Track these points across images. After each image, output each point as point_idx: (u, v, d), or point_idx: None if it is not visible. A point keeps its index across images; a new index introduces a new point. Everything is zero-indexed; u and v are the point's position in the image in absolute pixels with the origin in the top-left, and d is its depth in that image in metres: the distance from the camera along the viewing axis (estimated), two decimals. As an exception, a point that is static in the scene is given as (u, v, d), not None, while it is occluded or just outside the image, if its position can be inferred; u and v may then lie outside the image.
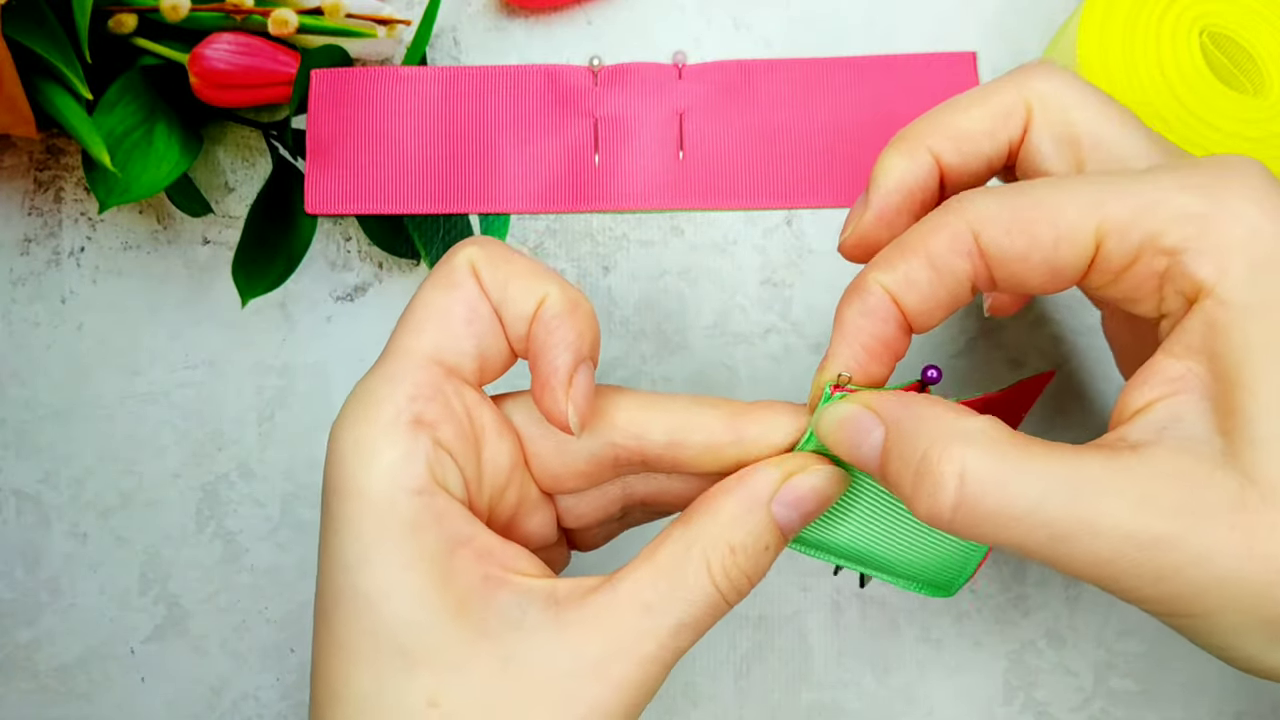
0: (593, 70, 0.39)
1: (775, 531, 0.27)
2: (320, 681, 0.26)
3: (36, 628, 0.40)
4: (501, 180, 0.39)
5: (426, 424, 0.26)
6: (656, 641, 0.26)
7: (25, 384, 0.40)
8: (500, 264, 0.28)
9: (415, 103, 0.39)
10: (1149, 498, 0.23)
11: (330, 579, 0.26)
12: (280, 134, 0.40)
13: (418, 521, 0.26)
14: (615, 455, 0.28)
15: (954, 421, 0.24)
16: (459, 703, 0.25)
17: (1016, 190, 0.26)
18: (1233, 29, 0.36)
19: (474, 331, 0.27)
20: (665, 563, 0.26)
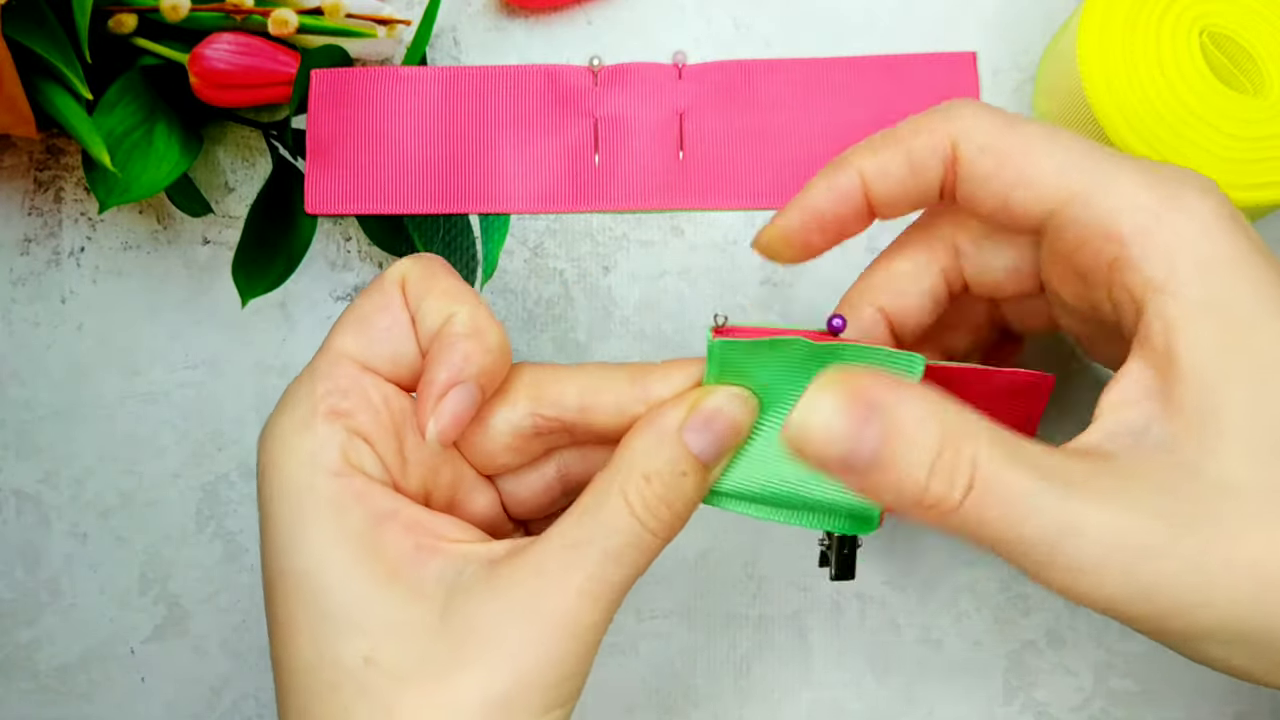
0: (593, 70, 0.39)
1: (689, 458, 0.28)
2: (275, 659, 0.28)
3: (36, 628, 0.40)
4: (501, 180, 0.39)
5: (341, 414, 0.28)
6: (583, 573, 0.26)
7: (25, 384, 0.40)
8: (425, 280, 0.30)
9: (415, 103, 0.39)
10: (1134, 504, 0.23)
11: (266, 563, 0.28)
12: (280, 134, 0.40)
13: (338, 501, 0.27)
14: (535, 425, 0.30)
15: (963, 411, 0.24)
16: (395, 658, 0.26)
17: (1008, 119, 0.27)
18: (1233, 29, 0.36)
19: (390, 337, 0.29)
20: (586, 502, 0.27)
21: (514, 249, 0.40)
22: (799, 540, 0.39)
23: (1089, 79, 0.35)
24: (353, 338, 0.29)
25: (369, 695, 0.26)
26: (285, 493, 0.28)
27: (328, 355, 0.29)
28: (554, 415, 0.29)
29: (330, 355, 0.29)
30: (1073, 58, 0.36)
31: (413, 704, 0.26)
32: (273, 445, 0.28)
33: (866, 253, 0.39)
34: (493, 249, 0.40)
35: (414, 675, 0.26)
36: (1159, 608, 0.23)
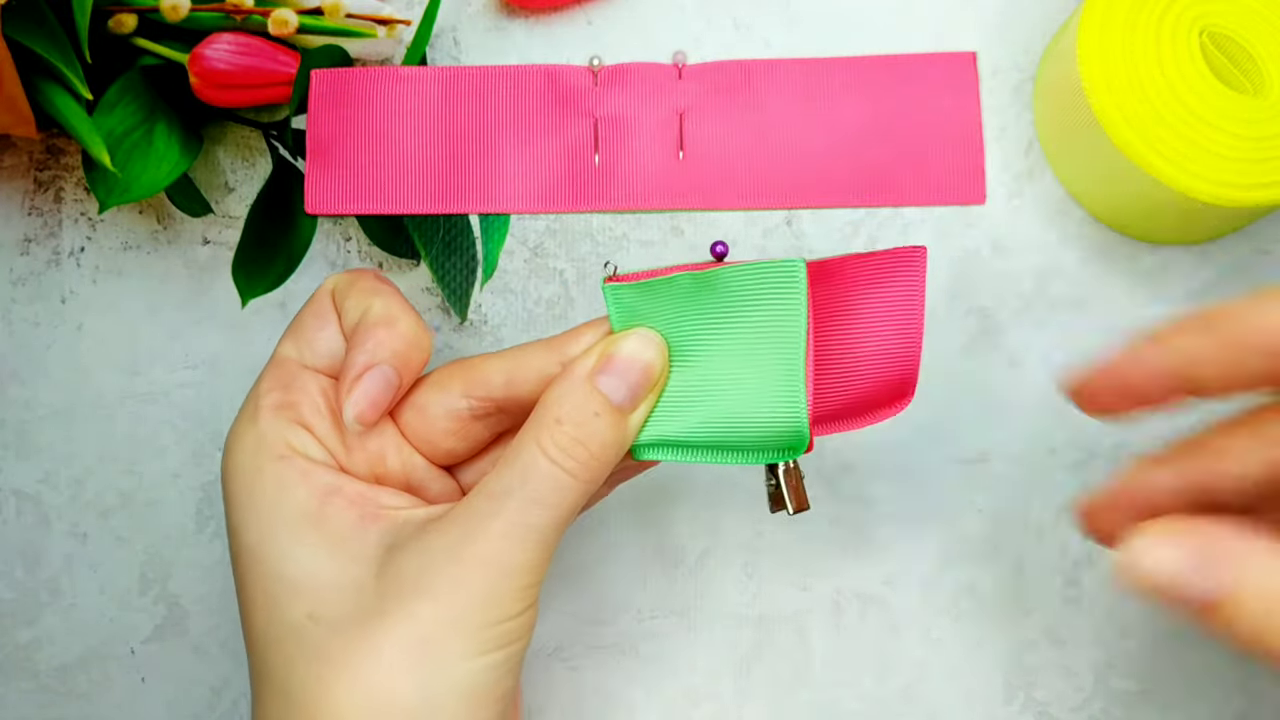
0: (593, 70, 0.39)
1: (599, 397, 0.29)
2: (243, 630, 0.31)
3: (37, 628, 0.40)
4: (501, 180, 0.39)
5: (285, 406, 0.31)
6: (504, 519, 0.28)
7: (25, 384, 0.40)
8: (350, 284, 0.33)
9: (415, 103, 0.39)
10: None
11: (230, 544, 0.31)
12: (280, 134, 0.40)
13: (283, 481, 0.30)
14: (470, 407, 0.32)
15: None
16: (333, 613, 0.28)
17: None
18: (1232, 29, 0.36)
19: (323, 337, 0.32)
20: (506, 455, 0.29)
21: (514, 249, 0.40)
22: (799, 540, 0.39)
23: (1089, 79, 0.35)
24: (291, 343, 0.33)
25: (307, 646, 0.28)
26: (237, 478, 0.31)
27: (272, 361, 0.33)
28: (484, 394, 0.31)
29: (274, 361, 0.33)
30: (1073, 58, 0.36)
31: (341, 648, 0.28)
32: (229, 441, 0.32)
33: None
34: (493, 249, 0.40)
35: (347, 624, 0.28)
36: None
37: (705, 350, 0.30)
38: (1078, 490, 0.39)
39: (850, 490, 0.39)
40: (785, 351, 0.29)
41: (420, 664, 0.27)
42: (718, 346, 0.29)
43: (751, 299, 0.29)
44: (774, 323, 0.29)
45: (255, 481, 0.30)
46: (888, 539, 0.39)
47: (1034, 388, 0.39)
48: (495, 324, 0.40)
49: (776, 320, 0.29)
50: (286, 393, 0.32)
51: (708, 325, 0.29)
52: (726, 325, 0.29)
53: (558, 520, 0.28)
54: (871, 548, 0.39)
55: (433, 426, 0.32)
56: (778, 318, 0.29)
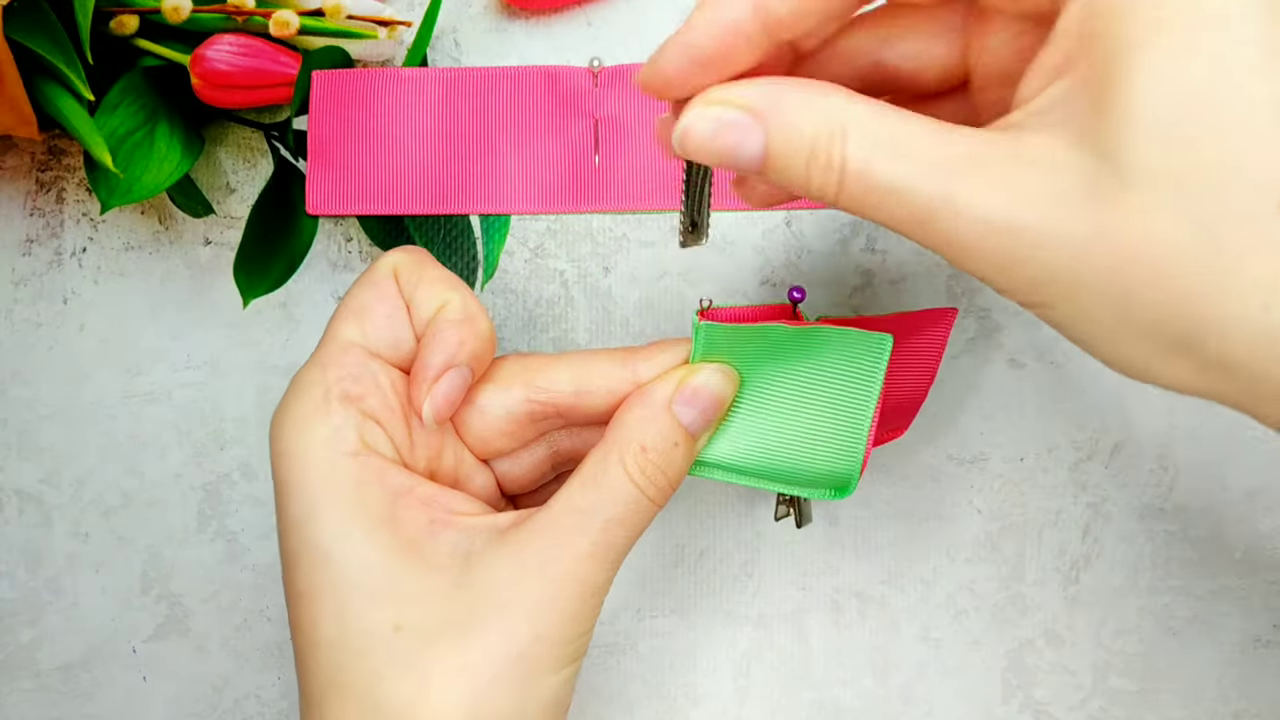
0: (593, 71, 0.40)
1: (680, 429, 0.30)
2: (299, 636, 0.29)
3: (38, 627, 0.40)
4: (502, 181, 0.39)
5: (353, 398, 0.30)
6: (589, 538, 0.28)
7: (27, 384, 0.40)
8: (416, 270, 0.32)
9: (416, 104, 0.39)
10: (1006, 180, 0.22)
11: (287, 539, 0.29)
12: (281, 135, 0.40)
13: (358, 479, 0.29)
14: (530, 410, 0.32)
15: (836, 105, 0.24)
16: (420, 623, 0.28)
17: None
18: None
19: (391, 324, 0.31)
20: (588, 472, 0.29)
21: (514, 249, 0.40)
22: (799, 539, 0.39)
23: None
24: (355, 326, 0.31)
25: (399, 659, 0.28)
26: (306, 474, 0.29)
27: (334, 344, 0.31)
28: (547, 400, 0.31)
29: (337, 344, 0.31)
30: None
31: (441, 663, 0.27)
32: (289, 430, 0.30)
33: (867, 252, 0.40)
34: (493, 249, 0.40)
35: (439, 637, 0.28)
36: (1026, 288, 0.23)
37: (778, 389, 0.32)
38: (1078, 491, 0.39)
39: (850, 490, 0.39)
40: (856, 409, 0.31)
41: (517, 678, 0.28)
42: (792, 391, 0.32)
43: (837, 358, 0.31)
44: (853, 383, 0.31)
45: (330, 477, 0.29)
46: (887, 539, 0.39)
47: (1034, 388, 0.39)
48: (496, 324, 0.40)
49: (856, 381, 0.31)
50: (356, 382, 0.30)
51: (787, 370, 0.31)
52: (806, 375, 0.31)
53: (632, 540, 0.30)
54: (871, 547, 0.39)
55: (490, 425, 0.32)
56: (857, 379, 0.31)
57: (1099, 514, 0.39)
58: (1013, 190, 0.22)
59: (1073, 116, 0.22)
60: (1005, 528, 0.39)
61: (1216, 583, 0.39)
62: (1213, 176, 0.21)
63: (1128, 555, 0.39)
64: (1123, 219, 0.21)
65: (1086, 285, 0.22)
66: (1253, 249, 0.21)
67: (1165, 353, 0.22)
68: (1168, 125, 0.21)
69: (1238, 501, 0.39)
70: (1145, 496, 0.39)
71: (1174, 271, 0.21)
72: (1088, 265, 0.22)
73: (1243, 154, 0.21)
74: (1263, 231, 0.21)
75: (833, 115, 0.24)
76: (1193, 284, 0.21)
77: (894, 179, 0.23)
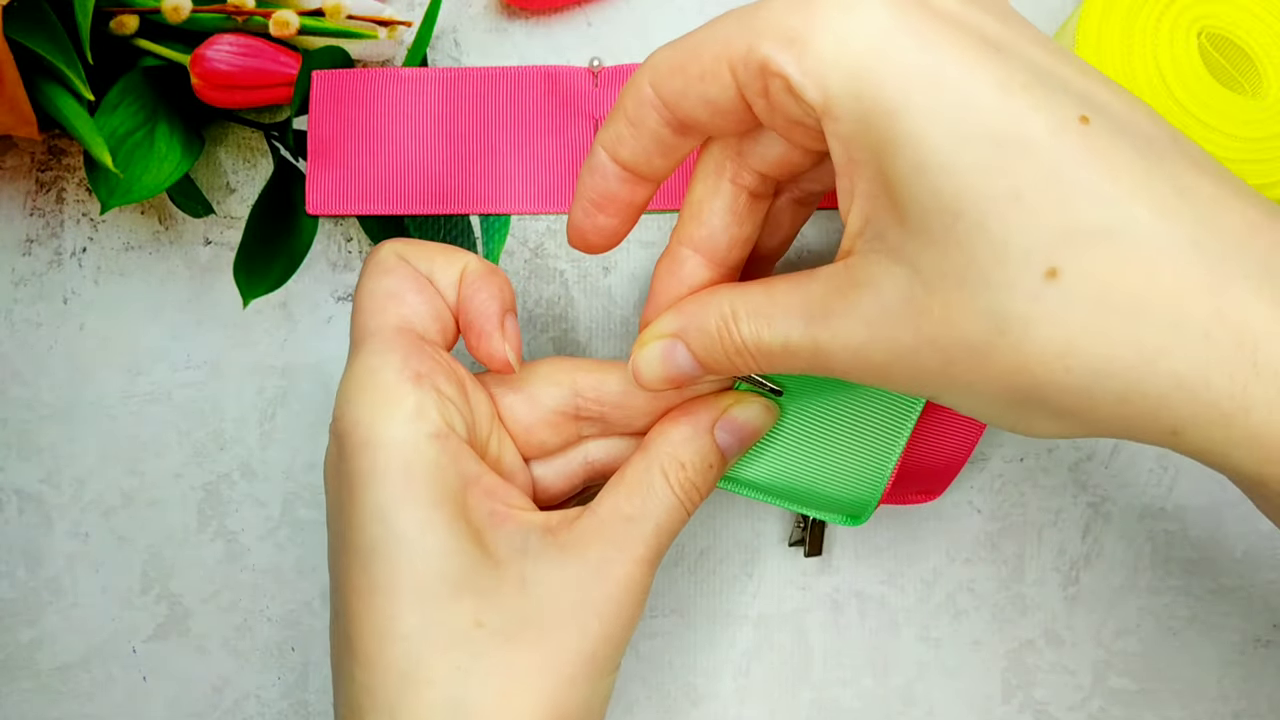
0: (593, 72, 0.40)
1: (717, 452, 0.31)
2: (363, 632, 0.28)
3: (38, 627, 0.40)
4: (502, 181, 0.39)
5: (424, 375, 0.30)
6: (643, 543, 0.30)
7: (27, 384, 0.40)
8: (419, 247, 0.32)
9: (416, 104, 0.39)
10: (849, 310, 0.26)
11: (360, 532, 0.28)
12: (281, 135, 0.40)
13: (439, 462, 0.29)
14: (578, 406, 0.33)
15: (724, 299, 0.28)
16: (498, 620, 0.28)
17: (683, 37, 0.27)
18: (1231, 30, 0.36)
19: (425, 299, 0.31)
20: (634, 481, 0.30)
21: (514, 249, 0.40)
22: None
23: (1087, 80, 0.35)
24: (394, 311, 0.31)
25: (484, 656, 0.28)
26: (386, 457, 0.28)
27: (385, 329, 0.30)
28: (596, 398, 0.32)
29: (389, 329, 0.30)
30: (1071, 59, 0.36)
31: (524, 662, 0.28)
32: (364, 417, 0.29)
33: (866, 253, 0.40)
34: (493, 249, 0.40)
35: (519, 635, 0.28)
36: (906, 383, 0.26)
37: (811, 415, 0.33)
38: (1078, 491, 0.39)
39: (850, 490, 0.39)
40: (885, 443, 0.33)
41: (590, 677, 0.29)
42: (825, 419, 0.33)
43: (876, 398, 0.33)
44: (885, 419, 0.33)
45: (414, 461, 0.28)
46: (887, 539, 0.39)
47: (1033, 388, 0.39)
48: (496, 324, 0.40)
49: (889, 418, 0.33)
50: (422, 361, 0.30)
51: (824, 398, 0.33)
52: (842, 404, 0.33)
53: (667, 548, 0.31)
54: (871, 547, 0.39)
55: (538, 417, 0.33)
56: (891, 415, 0.33)
57: (1099, 514, 0.39)
58: (855, 319, 0.26)
59: (880, 233, 0.25)
60: (1005, 528, 0.39)
61: (1216, 583, 0.39)
62: (988, 267, 0.23)
63: (1128, 555, 0.39)
64: (933, 324, 0.24)
65: (937, 381, 0.25)
66: (1037, 321, 0.23)
67: (1026, 414, 0.25)
68: (943, 229, 0.23)
69: (1238, 501, 0.39)
70: (1145, 496, 0.39)
71: (986, 358, 0.24)
72: (928, 366, 0.25)
73: (1005, 236, 0.23)
74: (1039, 303, 0.23)
75: (723, 307, 0.28)
76: (1004, 363, 0.24)
77: (778, 341, 0.27)
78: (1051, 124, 0.23)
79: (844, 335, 0.26)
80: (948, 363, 0.24)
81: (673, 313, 0.30)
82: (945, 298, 0.24)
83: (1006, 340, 0.23)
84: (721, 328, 0.28)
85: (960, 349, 0.24)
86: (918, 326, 0.24)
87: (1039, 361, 0.23)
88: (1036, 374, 0.23)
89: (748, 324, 0.28)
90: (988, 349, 0.24)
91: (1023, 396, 0.24)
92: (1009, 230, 0.23)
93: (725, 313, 0.28)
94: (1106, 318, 0.23)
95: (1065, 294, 0.23)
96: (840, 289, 0.26)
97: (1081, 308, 0.23)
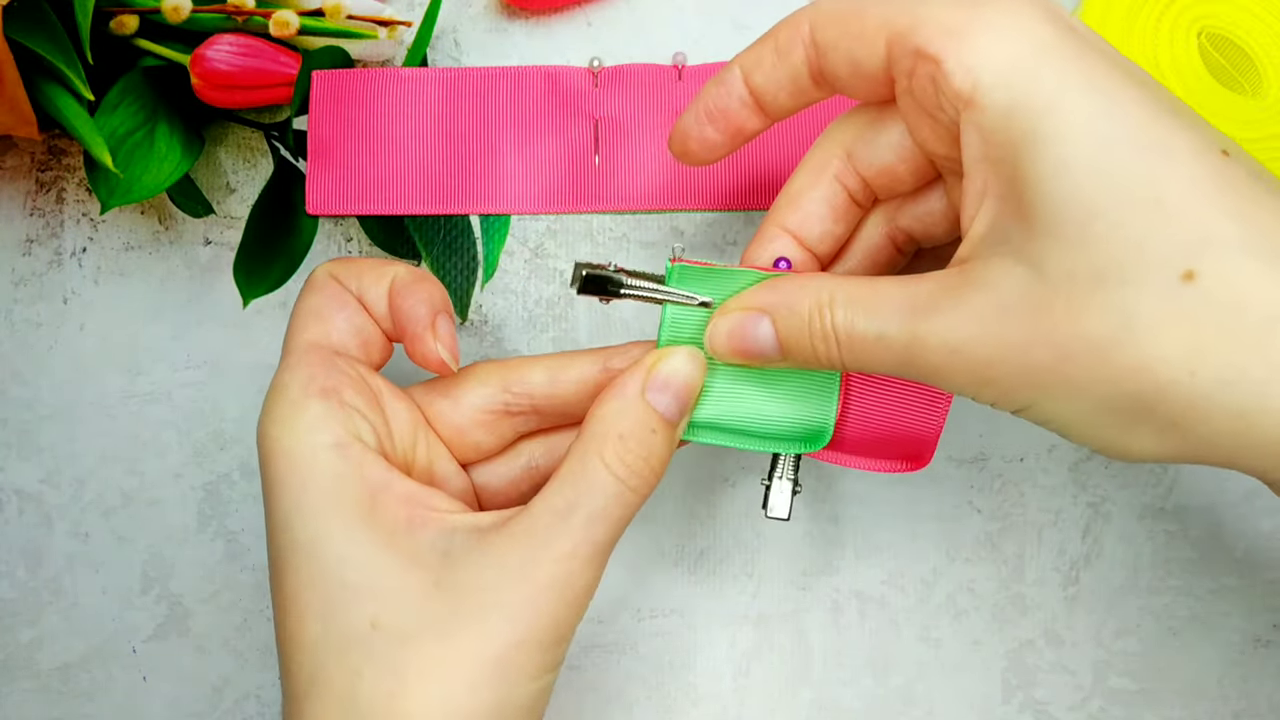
0: (593, 71, 0.40)
1: (655, 415, 0.30)
2: (282, 635, 0.29)
3: (38, 627, 0.40)
4: (502, 181, 0.39)
5: (330, 390, 0.30)
6: (570, 538, 0.28)
7: (27, 384, 0.40)
8: (350, 265, 0.33)
9: (416, 104, 0.39)
10: (959, 308, 0.26)
11: (273, 539, 0.30)
12: (281, 135, 0.40)
13: (339, 472, 0.29)
14: (506, 402, 0.33)
15: (820, 286, 0.28)
16: (398, 621, 0.28)
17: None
18: (1231, 30, 0.36)
19: (346, 316, 0.32)
20: (566, 471, 0.29)
21: (514, 249, 0.40)
22: (799, 539, 0.39)
23: (1087, 80, 0.35)
24: (315, 328, 0.32)
25: (377, 657, 0.28)
26: (290, 469, 0.29)
27: (298, 349, 0.31)
28: (523, 391, 0.32)
29: (301, 347, 0.31)
30: (1071, 59, 0.36)
31: (418, 663, 0.27)
32: (271, 429, 0.30)
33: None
34: (493, 249, 0.40)
35: (418, 636, 0.28)
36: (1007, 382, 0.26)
37: None
38: (1078, 491, 0.39)
39: (850, 490, 0.39)
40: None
41: (496, 681, 0.28)
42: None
43: None
44: None
45: (310, 470, 0.29)
46: (887, 539, 0.39)
47: (1033, 388, 0.39)
48: (496, 324, 0.40)
49: None
50: (329, 377, 0.31)
51: None
52: None
53: (616, 536, 0.29)
54: (871, 547, 0.39)
55: (465, 417, 0.33)
56: None
57: (1099, 514, 0.39)
58: (965, 314, 0.26)
59: (1004, 237, 0.26)
60: (1005, 528, 0.39)
61: (1216, 583, 0.39)
62: (1123, 266, 0.24)
63: (1128, 555, 0.39)
64: (1054, 321, 0.24)
65: (1041, 384, 0.25)
66: (1168, 322, 0.23)
67: (1129, 426, 0.25)
68: (1077, 229, 0.24)
69: (1237, 502, 0.39)
70: (1145, 496, 0.39)
71: (1108, 356, 0.24)
72: (1038, 364, 0.25)
73: (1143, 237, 0.23)
74: (1172, 304, 0.23)
75: (821, 293, 0.28)
76: (1126, 362, 0.24)
77: (873, 330, 0.27)
78: (1196, 147, 0.24)
79: (946, 330, 0.26)
80: (1062, 359, 0.24)
81: (766, 287, 0.30)
82: (1071, 293, 0.24)
83: (1133, 338, 0.23)
84: (814, 312, 0.28)
85: (1080, 344, 0.24)
86: (1036, 322, 0.24)
87: (1164, 362, 0.23)
88: (1159, 375, 0.23)
89: (844, 311, 0.28)
90: (1111, 346, 0.24)
91: (1134, 403, 0.24)
92: (1148, 232, 0.23)
93: (822, 298, 0.28)
94: (1237, 325, 0.23)
95: (1200, 297, 0.23)
96: (952, 288, 0.26)
97: (1215, 313, 0.23)
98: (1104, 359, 0.24)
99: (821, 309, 0.28)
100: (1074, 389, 0.25)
